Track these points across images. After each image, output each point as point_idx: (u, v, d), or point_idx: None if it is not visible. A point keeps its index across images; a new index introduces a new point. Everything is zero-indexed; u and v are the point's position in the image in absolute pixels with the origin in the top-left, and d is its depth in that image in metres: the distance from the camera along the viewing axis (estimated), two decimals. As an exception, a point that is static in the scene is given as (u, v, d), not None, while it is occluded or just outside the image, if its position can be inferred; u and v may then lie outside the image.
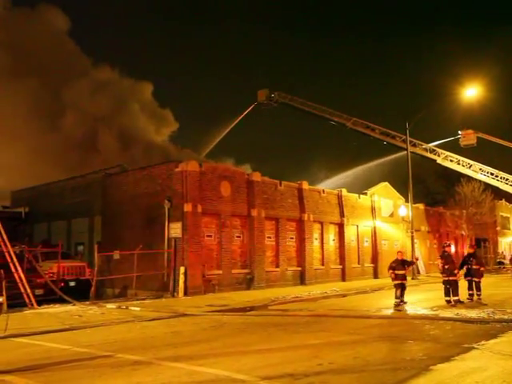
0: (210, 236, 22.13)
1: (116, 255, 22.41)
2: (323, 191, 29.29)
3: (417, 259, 20.05)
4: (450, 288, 16.44)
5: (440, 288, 17.30)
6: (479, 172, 41.68)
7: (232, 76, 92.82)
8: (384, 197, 34.11)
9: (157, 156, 42.72)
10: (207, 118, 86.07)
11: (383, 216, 33.58)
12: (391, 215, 34.40)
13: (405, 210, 33.29)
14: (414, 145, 40.88)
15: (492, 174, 41.62)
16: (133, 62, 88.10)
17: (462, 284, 17.00)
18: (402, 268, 16.44)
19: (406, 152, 33.49)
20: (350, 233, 30.35)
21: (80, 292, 20.52)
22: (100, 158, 43.47)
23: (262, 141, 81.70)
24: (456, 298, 16.27)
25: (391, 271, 16.54)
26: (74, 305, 17.61)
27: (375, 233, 32.59)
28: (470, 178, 41.52)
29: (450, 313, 13.99)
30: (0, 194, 32.74)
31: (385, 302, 17.10)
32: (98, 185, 25.90)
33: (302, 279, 26.31)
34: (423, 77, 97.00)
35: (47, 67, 47.50)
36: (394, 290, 16.34)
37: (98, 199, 25.59)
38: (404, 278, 16.38)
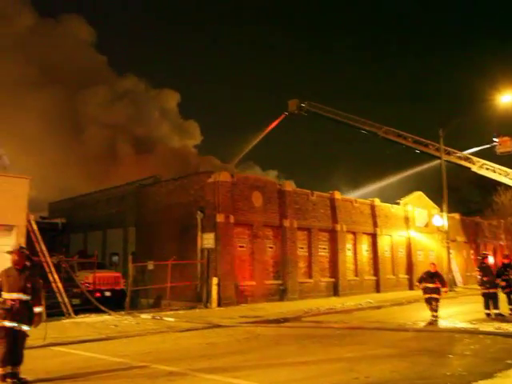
0: (243, 247, 22.14)
1: (150, 265, 22.65)
2: (355, 201, 29.00)
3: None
4: (490, 301, 15.92)
5: (478, 300, 16.82)
6: (517, 180, 40.47)
7: (258, 86, 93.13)
8: (418, 206, 33.54)
9: (179, 164, 43.17)
10: (230, 125, 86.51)
11: (417, 226, 33.00)
12: (426, 225, 33.76)
13: (440, 219, 32.59)
14: (448, 153, 40.00)
15: (531, 182, 40.36)
16: (159, 72, 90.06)
17: (503, 297, 16.47)
18: (432, 281, 15.33)
19: (439, 160, 32.91)
20: (383, 243, 29.93)
21: (115, 302, 20.78)
22: (123, 167, 44.20)
23: (289, 149, 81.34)
24: (496, 311, 15.75)
25: (418, 284, 15.90)
26: (109, 314, 17.85)
27: (409, 243, 32.03)
28: (507, 187, 40.40)
29: (490, 327, 13.56)
30: (38, 205, 33.56)
31: (421, 315, 16.69)
32: (131, 196, 26.32)
33: (335, 290, 26.03)
34: (457, 83, 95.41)
35: (71, 78, 48.59)
36: (426, 304, 15.43)
37: (132, 210, 25.98)
38: (434, 291, 15.19)
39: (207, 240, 21.01)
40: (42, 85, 45.69)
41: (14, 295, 7.63)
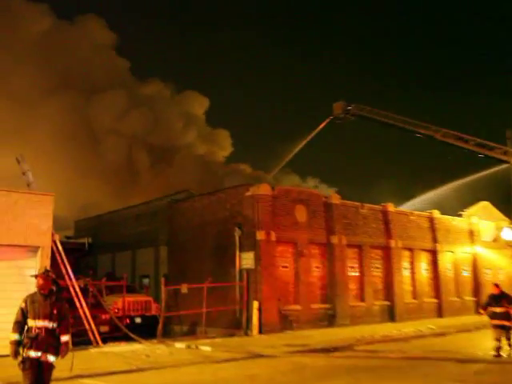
0: (286, 267, 22.01)
1: (184, 289, 22.74)
2: (411, 213, 28.52)
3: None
4: None
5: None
6: None
7: (294, 92, 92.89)
8: (484, 218, 32.64)
9: (205, 174, 43.34)
10: (264, 134, 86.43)
11: (484, 241, 32.07)
12: (494, 240, 32.76)
13: (511, 233, 31.60)
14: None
15: None
16: (187, 78, 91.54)
17: None
18: (498, 305, 14.37)
19: (508, 165, 32.03)
20: (444, 261, 29.24)
21: (146, 329, 20.90)
22: (146, 180, 44.70)
23: (330, 154, 79.97)
24: None
25: (482, 310, 15.16)
26: (140, 343, 17.95)
27: (475, 260, 31.17)
28: None
29: None
30: (60, 223, 34.25)
31: (493, 343, 16.14)
32: (163, 212, 26.59)
33: (391, 315, 25.53)
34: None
35: (89, 84, 49.40)
36: (492, 331, 14.47)
37: (164, 228, 26.24)
38: (503, 317, 14.21)
39: (246, 260, 20.98)
40: (57, 92, 46.71)
41: (40, 323, 7.71)
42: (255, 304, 20.24)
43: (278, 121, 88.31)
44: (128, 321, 21.51)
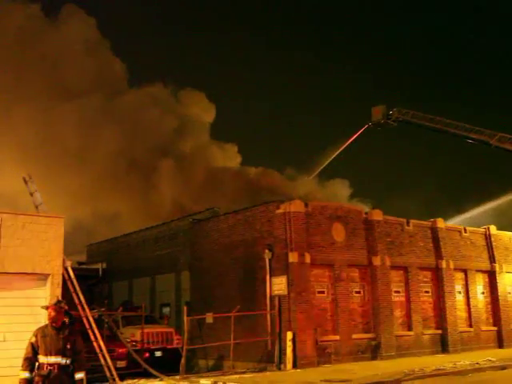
0: (322, 292, 21.93)
1: (209, 318, 22.84)
2: (464, 230, 28.16)
3: None
4: None
5: None
6: None
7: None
8: (549, 233, 32.05)
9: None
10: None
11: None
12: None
13: None
14: None
15: None
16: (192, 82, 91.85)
17: None
18: None
19: None
20: (504, 283, 28.71)
21: (167, 363, 20.98)
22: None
23: (363, 161, 78.85)
24: None
25: None
26: (161, 380, 18.05)
27: (541, 282, 30.59)
28: None
29: None
30: (73, 247, 34.61)
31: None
32: (184, 234, 26.79)
33: (443, 345, 25.17)
34: None
35: (69, 86, 48.59)
36: None
37: (186, 251, 26.40)
38: None
39: (278, 285, 20.96)
40: (27, 99, 45.77)
41: (52, 359, 7.79)
42: (289, 334, 20.14)
43: (295, 131, 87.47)
44: (147, 355, 21.59)
